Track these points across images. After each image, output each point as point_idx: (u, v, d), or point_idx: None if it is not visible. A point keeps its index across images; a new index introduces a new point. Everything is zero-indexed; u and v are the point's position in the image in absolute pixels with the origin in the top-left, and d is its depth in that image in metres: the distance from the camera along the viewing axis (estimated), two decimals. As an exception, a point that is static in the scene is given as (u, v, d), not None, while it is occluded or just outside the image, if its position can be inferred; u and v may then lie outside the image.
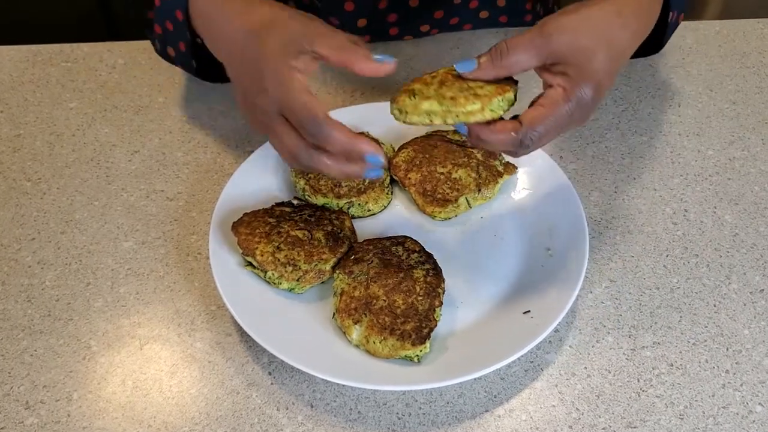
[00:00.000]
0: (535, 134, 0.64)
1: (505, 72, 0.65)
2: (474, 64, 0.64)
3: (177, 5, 0.78)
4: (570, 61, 0.64)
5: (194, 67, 0.84)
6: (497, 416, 0.67)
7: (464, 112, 0.63)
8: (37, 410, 0.67)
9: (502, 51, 0.64)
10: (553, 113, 0.64)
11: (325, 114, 0.63)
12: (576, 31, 0.64)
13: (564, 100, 0.64)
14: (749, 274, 0.79)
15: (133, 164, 0.89)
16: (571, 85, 0.64)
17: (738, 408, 0.68)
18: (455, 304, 0.73)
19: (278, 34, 0.65)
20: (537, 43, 0.64)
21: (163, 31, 0.82)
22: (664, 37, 0.86)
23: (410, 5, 1.00)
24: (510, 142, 0.64)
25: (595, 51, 0.64)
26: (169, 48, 0.84)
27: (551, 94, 0.64)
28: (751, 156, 0.91)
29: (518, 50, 0.64)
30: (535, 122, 0.63)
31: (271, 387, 0.69)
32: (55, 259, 0.79)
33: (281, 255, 0.73)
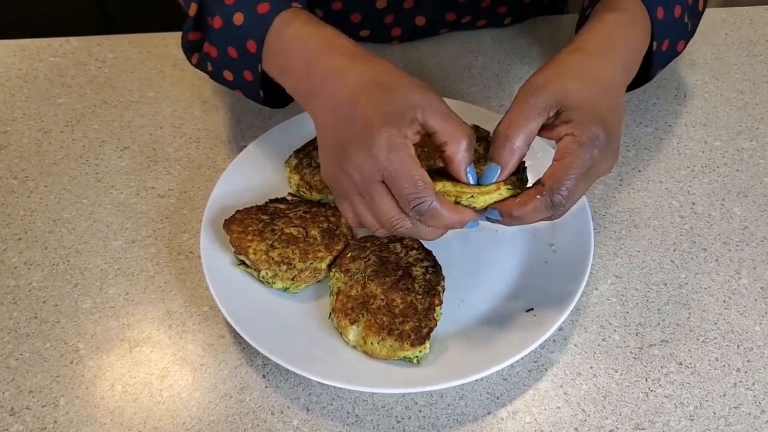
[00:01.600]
0: (563, 191, 0.61)
1: (525, 150, 0.63)
2: (497, 170, 0.63)
3: (250, 35, 0.71)
4: (568, 106, 0.62)
5: (261, 97, 0.77)
6: (500, 419, 0.65)
7: (479, 192, 0.63)
8: (22, 417, 0.65)
9: (508, 135, 0.62)
10: (572, 163, 0.61)
11: (435, 189, 0.60)
12: (555, 80, 0.64)
13: (578, 145, 0.61)
14: (759, 269, 0.76)
15: (123, 161, 0.86)
16: (579, 128, 0.62)
17: (750, 408, 0.66)
18: (456, 303, 0.71)
19: (396, 99, 0.61)
20: (530, 106, 0.63)
21: (220, 55, 0.75)
22: (651, 65, 0.80)
23: (416, 23, 0.98)
24: (541, 207, 0.62)
25: (585, 90, 0.64)
26: (226, 72, 0.76)
27: (563, 146, 0.62)
28: (759, 146, 0.88)
29: (520, 123, 0.62)
30: (557, 178, 0.61)
31: (265, 390, 0.66)
32: (42, 260, 0.76)
33: (275, 253, 0.71)
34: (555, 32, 1.03)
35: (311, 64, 0.67)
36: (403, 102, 0.61)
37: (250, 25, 0.71)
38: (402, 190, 0.60)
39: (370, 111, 0.61)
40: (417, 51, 1.00)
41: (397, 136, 0.60)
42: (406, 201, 0.60)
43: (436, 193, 0.60)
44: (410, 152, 0.60)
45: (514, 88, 0.95)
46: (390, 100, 0.61)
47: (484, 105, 0.91)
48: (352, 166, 0.61)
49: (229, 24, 0.72)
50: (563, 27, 1.04)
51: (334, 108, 0.64)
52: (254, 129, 0.88)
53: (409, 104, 0.61)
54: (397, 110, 0.60)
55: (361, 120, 0.61)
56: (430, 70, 0.98)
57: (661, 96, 0.93)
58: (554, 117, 0.63)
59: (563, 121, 0.62)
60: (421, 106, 0.61)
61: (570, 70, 0.65)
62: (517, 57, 0.99)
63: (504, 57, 0.99)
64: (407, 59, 0.99)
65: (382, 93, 0.62)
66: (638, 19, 0.74)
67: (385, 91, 0.62)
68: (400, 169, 0.59)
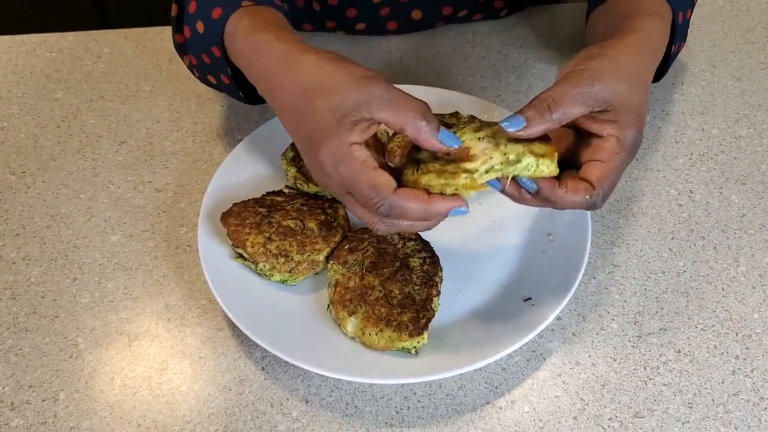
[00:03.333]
0: (603, 191, 0.62)
1: (555, 126, 0.61)
2: (522, 122, 0.60)
3: (212, 41, 0.72)
4: (616, 107, 0.62)
5: (243, 97, 0.79)
6: (499, 408, 0.65)
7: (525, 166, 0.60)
8: (22, 411, 0.65)
9: (549, 104, 0.61)
10: (615, 166, 0.62)
11: (393, 189, 0.59)
12: (614, 76, 0.62)
13: (619, 149, 0.62)
14: (758, 256, 0.76)
15: (120, 155, 0.86)
16: (622, 132, 0.62)
17: (749, 395, 0.66)
18: (453, 293, 0.71)
19: (332, 103, 0.59)
20: (583, 92, 0.61)
21: (198, 62, 0.77)
22: (666, 66, 0.83)
23: (412, 17, 0.97)
24: (584, 204, 0.62)
25: (634, 93, 0.63)
26: (209, 77, 0.79)
27: (607, 147, 0.62)
28: (757, 134, 0.88)
29: (565, 102, 0.61)
30: (606, 181, 0.62)
31: (264, 382, 0.67)
32: (40, 255, 0.76)
33: (273, 246, 0.70)
34: (551, 22, 1.03)
35: (253, 70, 0.69)
36: (341, 106, 0.59)
37: (209, 31, 0.72)
38: (361, 198, 0.59)
39: (311, 127, 0.61)
40: (413, 42, 1.00)
41: (340, 148, 0.59)
42: (369, 206, 0.60)
43: (397, 191, 0.59)
44: (358, 158, 0.59)
45: (511, 78, 0.95)
46: (327, 108, 0.59)
47: (481, 95, 0.91)
48: (319, 181, 0.63)
49: (195, 32, 0.74)
50: (559, 16, 1.04)
51: (283, 118, 0.66)
52: (250, 122, 0.88)
53: (348, 107, 0.59)
54: (336, 119, 0.59)
55: (305, 138, 0.62)
56: (426, 61, 0.97)
57: (658, 84, 0.93)
58: (599, 111, 0.62)
59: (609, 120, 0.62)
60: (363, 103, 0.59)
61: (625, 69, 0.64)
62: (514, 47, 0.99)
63: (501, 47, 0.99)
64: (403, 51, 0.99)
65: (318, 101, 0.60)
66: (667, 23, 0.74)
67: (321, 98, 0.60)
68: (352, 178, 0.59)
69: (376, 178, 0.59)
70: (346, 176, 0.60)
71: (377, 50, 0.99)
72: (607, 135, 0.62)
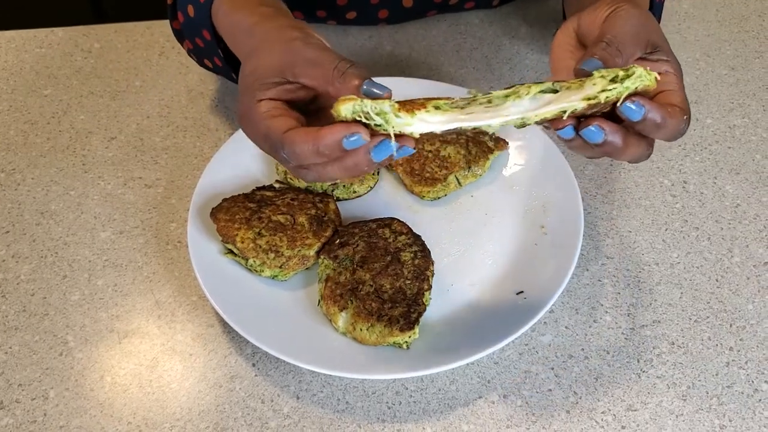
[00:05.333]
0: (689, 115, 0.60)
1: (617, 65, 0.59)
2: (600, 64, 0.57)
3: (202, 24, 0.74)
4: (663, 46, 0.61)
5: (235, 78, 0.79)
6: (491, 402, 0.65)
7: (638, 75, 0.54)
8: (12, 410, 0.65)
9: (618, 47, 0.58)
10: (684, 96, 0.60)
11: (281, 131, 0.56)
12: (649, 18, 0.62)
13: (679, 81, 0.61)
14: (752, 246, 0.75)
15: (110, 151, 0.85)
16: (674, 68, 0.61)
17: (743, 387, 0.65)
18: (445, 287, 0.70)
19: (255, 66, 0.60)
20: (640, 32, 0.60)
21: (194, 46, 0.79)
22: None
23: (403, 5, 0.96)
24: (680, 129, 0.58)
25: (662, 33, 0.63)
26: (205, 60, 0.81)
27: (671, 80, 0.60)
28: (752, 123, 0.87)
29: (627, 45, 0.59)
30: (686, 103, 0.59)
31: (255, 379, 0.66)
32: (30, 252, 0.76)
33: (263, 241, 0.70)
34: (543, 12, 1.02)
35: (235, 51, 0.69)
36: (261, 69, 0.59)
37: (198, 15, 0.73)
38: (269, 152, 0.59)
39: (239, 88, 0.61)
40: (405, 33, 0.99)
41: (248, 105, 0.59)
42: (278, 157, 0.58)
43: (286, 132, 0.55)
44: (259, 110, 0.58)
45: (504, 70, 0.94)
46: (249, 72, 0.60)
47: (473, 87, 0.91)
48: None
49: (187, 17, 0.76)
50: (551, 7, 1.03)
51: None
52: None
53: (269, 70, 0.58)
54: (256, 77, 0.59)
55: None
56: (418, 52, 0.97)
57: (652, 74, 0.92)
58: (649, 52, 0.61)
59: (662, 59, 0.61)
60: (287, 66, 0.58)
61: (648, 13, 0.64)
62: (506, 38, 0.98)
63: (493, 38, 0.98)
64: (395, 42, 0.98)
65: (246, 66, 0.61)
66: None
67: (248, 62, 0.61)
68: (255, 133, 0.59)
69: (270, 124, 0.57)
70: (251, 132, 0.59)
71: (368, 42, 0.98)
72: (665, 71, 0.61)
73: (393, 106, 0.53)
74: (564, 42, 0.64)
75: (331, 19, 0.98)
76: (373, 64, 0.95)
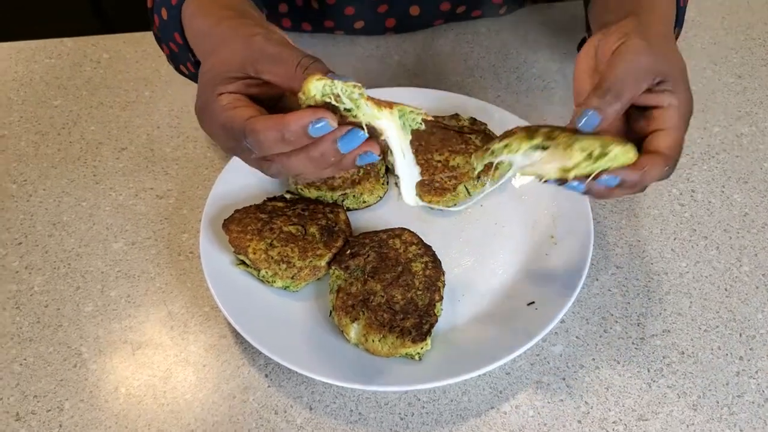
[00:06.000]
0: (676, 158, 0.61)
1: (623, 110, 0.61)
2: (597, 117, 0.58)
3: (174, 28, 0.72)
4: (671, 75, 0.61)
5: None
6: (503, 413, 0.65)
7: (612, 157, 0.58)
8: (27, 421, 0.65)
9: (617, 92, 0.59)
10: (682, 133, 0.61)
11: (244, 119, 0.55)
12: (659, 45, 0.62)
13: (680, 116, 0.61)
14: (761, 255, 0.76)
15: (121, 162, 0.86)
16: (680, 98, 0.61)
17: (754, 396, 0.66)
18: (456, 298, 0.71)
19: (214, 62, 0.59)
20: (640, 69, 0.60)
21: (170, 51, 0.77)
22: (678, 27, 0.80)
23: (411, 13, 0.97)
24: (662, 175, 0.60)
25: (676, 55, 0.63)
26: (181, 66, 0.79)
27: (671, 114, 0.61)
28: (759, 131, 0.88)
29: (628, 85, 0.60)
30: (675, 147, 0.61)
31: (268, 390, 0.67)
32: (43, 264, 0.76)
33: (274, 252, 0.70)
34: (550, 21, 1.02)
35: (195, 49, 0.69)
36: (220, 66, 0.58)
37: (170, 18, 0.72)
38: (230, 145, 0.58)
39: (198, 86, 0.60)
40: (412, 43, 1.00)
41: (209, 99, 0.58)
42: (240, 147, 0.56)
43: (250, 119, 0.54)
44: (219, 103, 0.57)
45: (511, 78, 0.94)
46: (207, 69, 0.59)
47: (481, 96, 0.91)
48: None
49: (162, 20, 0.74)
50: (558, 15, 1.03)
51: None
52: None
53: (230, 66, 0.58)
54: (215, 73, 0.58)
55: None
56: (425, 62, 0.97)
57: (659, 83, 0.93)
58: (656, 84, 0.62)
59: (667, 90, 0.61)
60: (248, 62, 0.57)
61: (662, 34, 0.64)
62: (513, 47, 0.99)
63: (500, 47, 0.99)
64: (402, 51, 0.98)
65: (205, 65, 0.60)
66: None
67: (207, 61, 0.60)
68: (214, 125, 0.58)
69: (231, 114, 0.56)
70: (210, 125, 0.58)
71: (376, 51, 0.99)
72: (668, 105, 0.61)
73: (362, 95, 0.52)
74: (585, 66, 0.65)
75: (339, 29, 0.99)
76: (381, 74, 0.95)
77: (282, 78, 0.56)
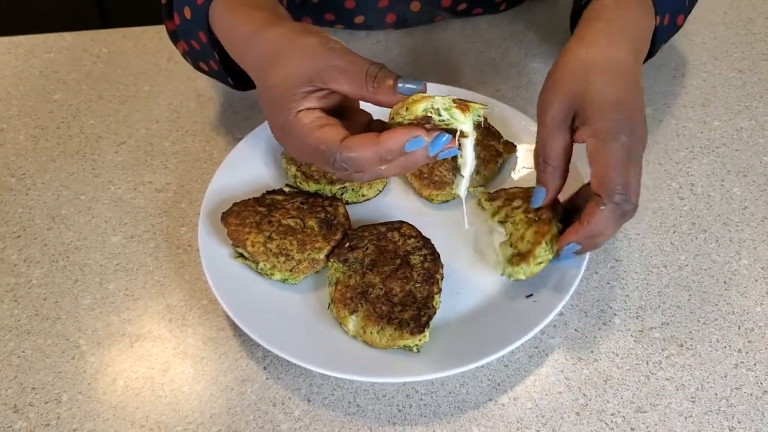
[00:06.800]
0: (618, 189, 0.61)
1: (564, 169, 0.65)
2: (543, 192, 0.65)
3: (199, 27, 0.73)
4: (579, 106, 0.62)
5: (231, 83, 0.80)
6: (501, 405, 0.65)
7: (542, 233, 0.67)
8: (26, 413, 0.65)
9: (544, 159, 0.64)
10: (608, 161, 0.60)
11: (338, 141, 0.57)
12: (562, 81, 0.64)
13: (603, 142, 0.60)
14: (760, 249, 0.76)
15: (120, 156, 0.86)
16: (597, 125, 0.61)
17: (752, 389, 0.65)
18: (455, 291, 0.71)
19: (282, 76, 0.60)
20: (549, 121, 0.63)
21: (190, 48, 0.78)
22: (654, 42, 0.78)
23: (411, 9, 0.97)
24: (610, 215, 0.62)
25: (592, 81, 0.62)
26: (200, 63, 0.80)
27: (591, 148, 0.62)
28: (759, 125, 0.87)
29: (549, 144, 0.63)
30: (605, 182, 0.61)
31: (266, 382, 0.67)
32: (41, 257, 0.76)
33: (273, 245, 0.70)
34: (551, 15, 1.02)
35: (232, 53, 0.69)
36: (291, 79, 0.59)
37: (195, 17, 0.72)
38: (318, 162, 0.59)
39: (265, 101, 0.62)
40: (411, 38, 0.99)
41: (287, 118, 0.59)
42: (331, 167, 0.58)
43: (343, 141, 0.57)
44: (303, 123, 0.58)
45: (511, 73, 0.94)
46: (277, 81, 0.60)
47: (481, 91, 0.91)
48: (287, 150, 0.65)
49: (184, 18, 0.74)
50: (559, 9, 1.03)
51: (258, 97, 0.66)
52: (250, 120, 0.88)
53: (299, 79, 0.59)
54: (285, 90, 0.59)
55: (266, 112, 0.63)
56: (425, 56, 0.97)
57: (659, 77, 0.93)
58: (571, 126, 0.63)
59: (581, 124, 0.62)
60: (315, 75, 0.58)
61: (575, 65, 0.64)
62: (513, 41, 0.99)
63: (500, 41, 0.99)
64: (401, 46, 0.98)
65: (271, 75, 0.61)
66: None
67: (273, 71, 0.61)
68: (302, 145, 0.59)
69: (321, 135, 0.58)
70: (296, 146, 0.60)
71: (376, 46, 0.99)
72: (587, 138, 0.62)
73: (452, 105, 0.56)
74: None
75: (339, 23, 0.99)
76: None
77: (352, 87, 0.58)
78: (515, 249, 0.69)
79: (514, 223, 0.71)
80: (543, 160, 0.64)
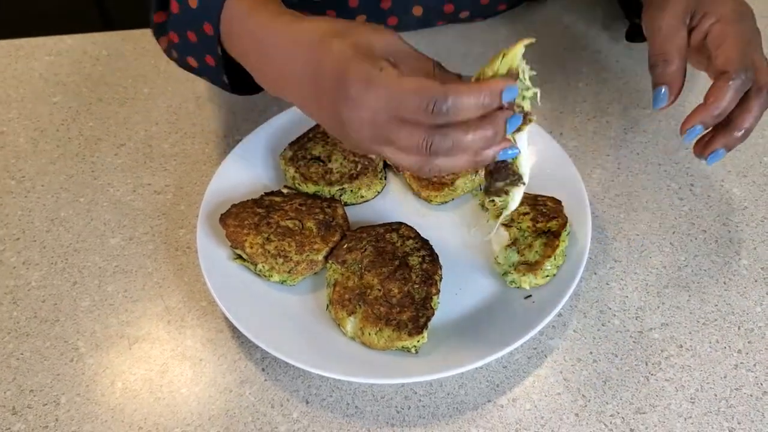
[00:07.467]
0: (747, 63, 0.61)
1: (684, 68, 0.65)
2: (664, 91, 0.65)
3: (205, 18, 0.69)
4: (701, 4, 0.63)
5: (226, 82, 0.75)
6: (500, 406, 0.65)
7: None
8: (24, 415, 0.65)
9: (666, 60, 0.63)
10: (734, 40, 0.61)
11: (440, 83, 0.53)
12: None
13: (727, 25, 0.61)
14: (760, 249, 0.75)
15: (119, 158, 0.86)
16: (716, 15, 0.62)
17: (752, 389, 0.65)
18: (453, 292, 0.70)
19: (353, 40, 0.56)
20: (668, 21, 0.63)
21: (181, 40, 0.74)
22: None
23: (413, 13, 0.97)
24: (739, 89, 0.62)
25: None
26: (189, 58, 0.76)
27: (716, 34, 0.62)
28: (759, 125, 0.87)
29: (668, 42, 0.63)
30: (732, 57, 0.61)
31: (264, 383, 0.66)
32: (40, 259, 0.76)
33: (271, 246, 0.70)
34: (550, 17, 1.02)
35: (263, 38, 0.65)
36: (365, 43, 0.56)
37: (204, 8, 0.69)
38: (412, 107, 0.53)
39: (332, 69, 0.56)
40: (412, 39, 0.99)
41: (373, 68, 0.54)
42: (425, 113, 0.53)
43: (447, 84, 0.53)
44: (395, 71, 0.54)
45: (510, 74, 0.94)
46: (348, 45, 0.56)
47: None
48: (348, 138, 0.58)
49: (186, 8, 0.71)
50: (557, 12, 1.03)
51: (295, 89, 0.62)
52: (249, 122, 0.88)
53: (372, 46, 0.56)
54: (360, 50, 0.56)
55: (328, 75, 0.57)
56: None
57: (658, 77, 0.93)
58: (690, 21, 0.63)
59: (702, 17, 0.62)
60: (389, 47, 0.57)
61: None
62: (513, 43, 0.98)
63: (501, 43, 0.99)
64: (402, 48, 0.98)
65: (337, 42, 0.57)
66: None
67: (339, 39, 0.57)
68: (390, 96, 0.53)
69: (419, 81, 0.53)
70: (382, 100, 0.53)
71: (375, 48, 0.98)
72: (710, 26, 0.62)
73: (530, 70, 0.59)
74: None
75: None
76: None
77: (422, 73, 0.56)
78: (522, 257, 0.69)
79: (521, 229, 0.71)
80: (664, 60, 0.64)
